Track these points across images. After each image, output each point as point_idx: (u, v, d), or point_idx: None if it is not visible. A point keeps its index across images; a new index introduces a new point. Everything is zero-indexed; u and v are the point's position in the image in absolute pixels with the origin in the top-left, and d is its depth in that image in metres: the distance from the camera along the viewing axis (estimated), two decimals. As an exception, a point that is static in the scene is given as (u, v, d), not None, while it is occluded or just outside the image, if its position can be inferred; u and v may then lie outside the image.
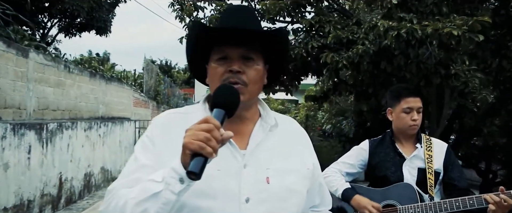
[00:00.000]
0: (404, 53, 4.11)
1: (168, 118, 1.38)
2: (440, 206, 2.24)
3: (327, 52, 4.48)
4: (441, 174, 2.45)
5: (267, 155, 1.31)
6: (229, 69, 1.27)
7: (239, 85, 1.26)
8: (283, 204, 1.26)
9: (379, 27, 3.67)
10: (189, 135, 1.04)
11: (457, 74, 3.95)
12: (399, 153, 2.52)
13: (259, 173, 1.27)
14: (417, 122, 2.43)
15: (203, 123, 1.05)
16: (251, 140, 1.31)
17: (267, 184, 1.26)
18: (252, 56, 1.30)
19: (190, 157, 1.03)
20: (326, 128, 9.52)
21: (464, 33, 3.29)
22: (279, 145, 1.35)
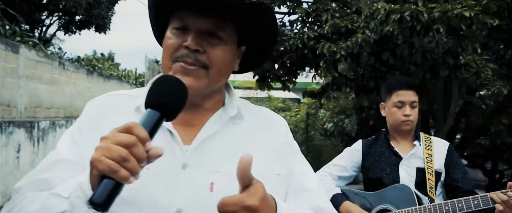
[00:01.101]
0: (408, 42, 3.66)
1: (106, 101, 1.08)
2: (441, 208, 2.02)
3: (324, 42, 4.04)
4: (443, 175, 2.24)
5: (218, 154, 0.99)
6: (185, 44, 0.97)
7: (195, 67, 0.97)
8: None
9: (380, 11, 3.22)
10: (101, 148, 0.75)
11: (468, 64, 3.49)
12: (395, 151, 2.29)
13: (202, 176, 0.95)
14: (410, 117, 2.21)
15: (123, 133, 0.75)
16: (200, 133, 1.00)
17: (210, 192, 0.94)
18: (220, 33, 0.99)
19: (98, 179, 0.74)
20: (328, 126, 9.14)
21: (476, 15, 2.84)
22: (238, 142, 1.02)
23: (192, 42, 0.96)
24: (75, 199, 0.80)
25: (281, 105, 10.23)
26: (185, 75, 0.97)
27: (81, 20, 11.69)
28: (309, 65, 5.12)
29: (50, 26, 11.43)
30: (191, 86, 0.95)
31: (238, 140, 1.03)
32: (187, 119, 1.00)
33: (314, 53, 4.37)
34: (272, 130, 1.11)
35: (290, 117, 9.34)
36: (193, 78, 0.98)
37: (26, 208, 0.89)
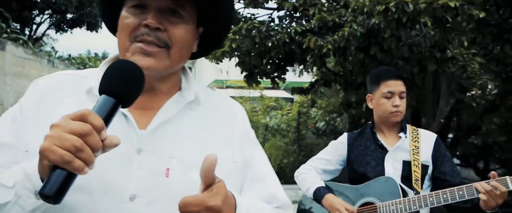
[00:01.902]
0: (395, 36, 3.59)
1: (54, 81, 1.01)
2: (425, 200, 1.99)
3: (310, 36, 3.97)
4: (430, 168, 2.18)
5: (174, 140, 0.96)
6: (145, 23, 0.93)
7: (156, 48, 0.93)
8: None
9: (365, 1, 3.16)
10: (52, 137, 0.71)
11: (454, 57, 3.44)
12: (381, 144, 2.23)
13: (157, 162, 0.92)
14: (399, 108, 2.16)
15: (77, 121, 0.71)
16: (156, 117, 0.96)
17: (165, 177, 0.91)
18: (180, 11, 0.96)
19: (49, 169, 0.70)
20: (320, 125, 9.09)
21: (462, 6, 2.78)
22: (195, 128, 1.00)
23: (152, 20, 0.92)
24: (21, 189, 0.76)
25: (273, 104, 10.18)
26: (146, 56, 0.93)
27: (72, 18, 11.60)
28: (297, 61, 5.06)
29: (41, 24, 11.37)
30: (152, 68, 0.93)
31: (195, 125, 1.00)
32: (142, 102, 0.95)
33: (302, 48, 4.31)
34: (230, 117, 1.08)
35: (281, 115, 9.28)
36: (153, 59, 0.94)
37: None
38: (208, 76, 17.70)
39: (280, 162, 8.69)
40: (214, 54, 4.88)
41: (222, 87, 15.79)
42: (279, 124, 9.03)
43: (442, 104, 4.49)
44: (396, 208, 2.03)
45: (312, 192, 2.24)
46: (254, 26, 4.58)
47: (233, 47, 4.47)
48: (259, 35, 4.55)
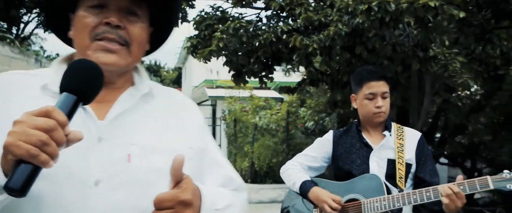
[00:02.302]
0: (379, 35, 3.66)
1: (6, 79, 1.05)
2: (409, 197, 2.04)
3: (296, 35, 4.02)
4: (413, 166, 2.23)
5: (133, 128, 1.02)
6: (106, 21, 0.99)
7: (118, 46, 1.00)
8: (148, 189, 0.93)
9: (348, 1, 3.22)
10: (16, 133, 0.74)
11: (436, 57, 3.51)
12: (366, 143, 2.27)
13: (119, 149, 0.98)
14: (382, 109, 2.19)
15: (42, 117, 0.75)
16: (113, 108, 1.02)
17: (127, 163, 0.97)
18: (137, 10, 1.03)
19: (14, 164, 0.73)
20: (309, 125, 9.15)
21: (441, 5, 2.85)
22: (152, 118, 1.07)
23: (114, 18, 0.98)
24: None
25: (262, 104, 10.23)
26: (108, 53, 1.00)
27: None
28: (284, 60, 5.12)
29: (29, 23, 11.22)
30: (115, 64, 1.00)
31: (151, 115, 1.07)
32: (99, 96, 0.97)
33: (288, 47, 4.37)
34: (185, 110, 1.16)
35: (271, 115, 9.33)
36: (116, 56, 1.00)
37: None
38: (198, 76, 17.69)
39: (269, 161, 8.73)
40: (202, 53, 4.92)
41: (212, 87, 15.79)
42: (268, 124, 9.08)
43: (426, 103, 4.58)
44: (380, 204, 2.08)
45: (298, 186, 2.27)
46: (241, 26, 4.63)
47: (220, 46, 4.51)
48: (246, 34, 4.60)
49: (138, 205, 0.95)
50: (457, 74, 3.56)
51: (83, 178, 0.93)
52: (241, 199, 1.19)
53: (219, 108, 14.36)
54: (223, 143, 13.59)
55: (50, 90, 1.00)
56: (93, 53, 1.00)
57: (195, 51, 5.36)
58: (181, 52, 22.28)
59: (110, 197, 0.94)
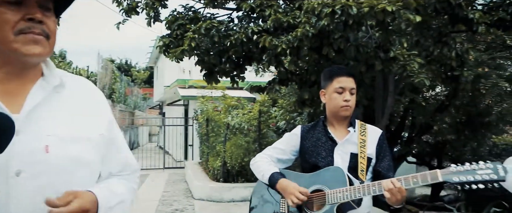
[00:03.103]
0: (344, 37, 3.89)
1: None
2: (369, 188, 2.15)
3: (265, 36, 4.20)
4: (373, 161, 2.36)
5: (49, 120, 1.12)
6: (29, 17, 1.07)
7: (40, 37, 1.09)
8: (67, 177, 1.10)
9: (314, 4, 3.43)
10: None
11: (396, 57, 3.78)
12: (331, 137, 2.38)
13: (36, 140, 1.08)
14: (349, 103, 2.32)
15: None
16: (27, 102, 1.10)
17: (45, 153, 1.08)
18: (49, 5, 1.13)
19: None
20: (280, 124, 9.31)
21: (398, 10, 3.10)
22: (65, 108, 1.17)
23: (39, 15, 1.08)
24: None
25: (235, 103, 10.32)
26: (36, 45, 1.09)
27: None
28: (255, 60, 5.27)
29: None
30: (42, 54, 1.11)
31: (64, 105, 1.17)
32: (9, 89, 1.09)
33: (259, 47, 4.53)
34: (96, 99, 1.30)
35: (243, 114, 9.44)
36: (42, 47, 1.10)
37: None
38: (170, 75, 17.56)
39: (241, 160, 8.80)
40: (174, 53, 5.02)
41: (184, 87, 15.72)
42: (240, 123, 9.17)
43: (390, 102, 4.86)
44: (343, 195, 2.17)
45: (267, 178, 2.37)
46: (213, 26, 4.77)
47: (192, 46, 4.63)
48: (218, 34, 4.74)
49: (59, 192, 1.06)
50: (414, 74, 3.84)
51: (4, 169, 1.02)
52: (131, 182, 1.39)
53: (192, 108, 14.33)
54: (195, 142, 13.58)
55: None
56: (23, 46, 1.07)
57: (167, 51, 5.45)
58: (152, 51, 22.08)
59: (32, 186, 1.04)
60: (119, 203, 1.24)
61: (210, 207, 7.93)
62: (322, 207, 2.27)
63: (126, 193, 1.32)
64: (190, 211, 7.66)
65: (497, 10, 4.52)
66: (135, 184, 1.41)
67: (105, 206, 1.16)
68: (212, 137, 10.38)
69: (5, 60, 1.10)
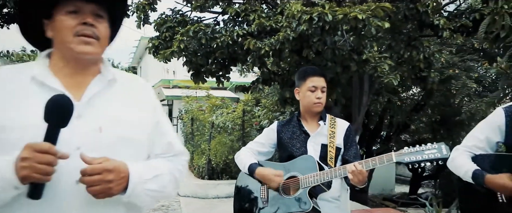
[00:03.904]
0: (321, 40, 4.32)
1: (2, 72, 1.37)
2: (335, 172, 2.42)
3: (250, 39, 4.60)
4: (342, 150, 2.63)
5: (103, 106, 1.35)
6: (83, 21, 1.31)
7: (92, 39, 1.32)
8: (115, 153, 1.30)
9: (294, 12, 3.85)
10: (27, 167, 1.13)
11: (368, 60, 4.22)
12: (304, 130, 2.65)
13: (92, 122, 1.31)
14: (321, 100, 2.59)
15: (43, 154, 1.13)
16: (87, 91, 1.34)
17: (99, 133, 1.30)
18: (101, 13, 1.37)
19: (30, 184, 1.15)
20: (263, 123, 9.66)
21: (368, 18, 3.54)
22: (116, 97, 1.40)
23: (90, 19, 1.32)
24: (5, 186, 1.17)
25: (219, 103, 10.66)
26: (87, 45, 1.33)
27: (10, 13, 11.16)
28: (240, 61, 5.66)
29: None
30: (92, 53, 1.34)
31: (116, 95, 1.41)
32: (75, 82, 1.35)
33: (243, 49, 4.92)
34: (141, 89, 1.52)
35: (227, 113, 9.78)
36: (92, 47, 1.33)
37: None
38: (153, 75, 17.71)
39: (225, 158, 9.09)
40: (163, 54, 5.37)
41: (168, 87, 15.93)
42: (225, 122, 9.49)
43: (365, 100, 5.31)
44: (313, 179, 2.45)
45: (247, 168, 2.66)
46: (201, 29, 5.14)
47: (181, 47, 4.99)
48: (205, 37, 5.11)
49: None
50: (384, 75, 4.29)
51: (68, 145, 1.23)
52: (175, 163, 1.52)
53: (176, 107, 14.54)
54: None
55: (37, 80, 1.30)
56: (77, 46, 1.31)
57: (156, 52, 5.78)
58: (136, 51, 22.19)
59: None
60: (155, 176, 1.40)
61: (196, 203, 8.17)
62: (297, 191, 2.53)
63: (165, 169, 1.46)
64: (176, 207, 7.92)
65: (460, 17, 5.03)
66: (180, 166, 1.56)
67: (137, 179, 1.32)
68: (197, 136, 10.67)
69: (70, 58, 1.36)
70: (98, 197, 1.25)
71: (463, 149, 2.39)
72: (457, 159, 2.35)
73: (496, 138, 2.30)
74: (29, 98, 1.28)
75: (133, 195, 1.32)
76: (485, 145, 2.34)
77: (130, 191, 1.30)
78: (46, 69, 1.33)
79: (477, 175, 2.21)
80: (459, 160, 2.34)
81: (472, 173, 2.23)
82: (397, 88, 7.77)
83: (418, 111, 10.11)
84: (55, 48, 1.38)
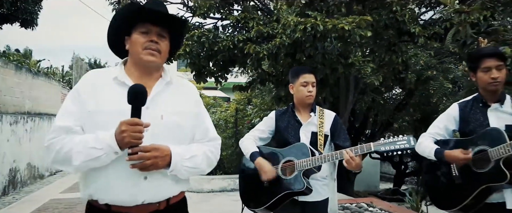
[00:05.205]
0: (313, 46, 5.08)
1: (91, 74, 1.93)
2: (325, 157, 2.83)
3: (250, 44, 5.33)
4: (329, 137, 3.04)
5: (163, 101, 1.85)
6: (151, 39, 1.80)
7: (155, 52, 1.81)
8: (172, 135, 1.81)
9: (290, 22, 4.60)
10: (128, 136, 1.63)
11: (353, 63, 5.00)
12: (298, 120, 3.05)
13: (156, 112, 1.80)
14: (312, 93, 3.00)
15: (136, 126, 1.65)
16: (152, 90, 1.84)
17: (161, 119, 1.80)
18: (165, 34, 1.85)
19: (129, 147, 1.68)
20: (255, 121, 10.25)
21: (353, 28, 4.32)
22: (172, 95, 1.89)
23: (155, 38, 1.81)
24: (108, 151, 1.67)
25: (212, 102, 11.28)
26: (152, 56, 1.81)
27: (3, 14, 11.44)
28: (239, 64, 6.37)
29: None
30: (156, 62, 1.82)
31: (172, 93, 1.89)
32: (143, 83, 1.77)
33: (243, 53, 5.64)
34: (190, 90, 2.01)
35: (220, 112, 10.41)
36: (155, 57, 1.82)
37: (69, 146, 1.71)
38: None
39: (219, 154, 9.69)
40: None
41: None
42: (218, 120, 10.11)
43: (350, 99, 6.10)
44: (307, 163, 2.83)
45: (249, 155, 3.06)
46: (204, 34, 5.85)
47: (187, 51, 5.69)
48: (208, 41, 5.81)
49: (167, 142, 1.76)
50: (367, 76, 5.06)
51: None
52: (209, 146, 1.94)
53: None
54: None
55: (118, 80, 1.80)
56: (144, 57, 1.79)
57: (161, 54, 6.40)
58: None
59: (154, 138, 1.74)
60: (191, 157, 1.84)
61: (191, 197, 8.42)
62: (292, 173, 2.91)
63: (199, 152, 1.89)
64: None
65: (434, 26, 5.86)
66: (213, 148, 1.99)
67: (178, 158, 1.76)
68: (191, 134, 11.21)
69: (139, 66, 1.86)
70: (148, 169, 1.71)
71: (427, 135, 3.12)
72: (423, 143, 2.99)
73: (452, 127, 3.04)
74: (112, 92, 1.79)
75: (175, 170, 1.78)
76: (444, 132, 3.06)
77: (173, 166, 1.76)
78: (123, 72, 1.84)
79: (438, 152, 2.87)
80: (424, 143, 2.99)
81: (434, 151, 2.88)
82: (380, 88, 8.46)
83: (400, 110, 10.85)
84: (130, 57, 1.90)
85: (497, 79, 2.69)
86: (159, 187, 1.79)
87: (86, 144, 1.69)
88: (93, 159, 1.68)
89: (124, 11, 1.90)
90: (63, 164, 1.76)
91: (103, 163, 1.70)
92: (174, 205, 1.86)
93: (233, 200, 7.63)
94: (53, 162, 1.78)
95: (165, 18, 1.84)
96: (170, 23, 1.86)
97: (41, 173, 11.15)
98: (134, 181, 1.74)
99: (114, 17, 1.93)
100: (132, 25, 1.85)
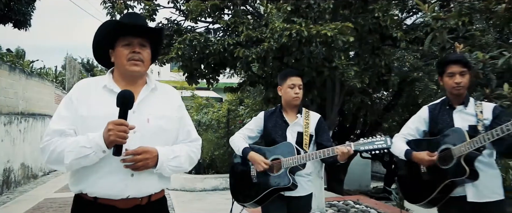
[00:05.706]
0: (299, 50, 5.38)
1: (84, 82, 2.14)
2: (310, 156, 3.08)
3: (240, 48, 5.63)
4: (314, 137, 3.29)
5: (148, 106, 2.06)
6: (133, 51, 1.99)
7: (139, 61, 2.01)
8: (157, 137, 2.02)
9: (276, 28, 4.90)
10: (113, 134, 1.79)
11: (337, 67, 5.31)
12: (285, 120, 3.28)
13: (143, 116, 2.00)
14: (298, 95, 3.22)
15: (121, 126, 1.82)
16: (139, 96, 2.04)
17: (147, 123, 2.01)
18: (145, 44, 2.05)
19: (114, 146, 1.86)
20: (247, 121, 10.55)
21: (335, 34, 4.63)
22: (156, 100, 2.10)
23: (137, 49, 2.00)
24: (96, 149, 1.85)
25: (204, 102, 11.56)
26: (136, 66, 2.00)
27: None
28: (229, 66, 6.65)
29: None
30: (138, 71, 2.02)
31: (156, 98, 2.10)
32: (130, 89, 1.95)
33: (233, 56, 5.93)
34: (173, 96, 2.21)
35: (212, 112, 10.70)
36: (139, 67, 2.01)
37: (61, 146, 1.89)
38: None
39: (211, 154, 10.00)
40: (162, 59, 6.33)
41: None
42: (210, 120, 10.39)
43: (336, 101, 6.40)
44: (293, 161, 3.06)
45: (240, 151, 3.27)
46: (195, 38, 6.13)
47: (179, 53, 5.97)
48: (199, 44, 6.09)
49: (153, 144, 1.96)
50: (349, 79, 5.37)
51: (130, 130, 1.86)
52: (191, 147, 2.15)
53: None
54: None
55: (107, 88, 2.00)
56: (129, 67, 1.98)
57: (155, 57, 6.69)
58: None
59: (140, 140, 1.95)
60: (175, 157, 2.05)
61: (184, 196, 8.96)
62: (279, 170, 3.13)
63: (182, 152, 2.10)
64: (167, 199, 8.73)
65: (415, 30, 6.18)
66: (195, 149, 2.21)
67: (164, 158, 1.97)
68: (183, 134, 11.48)
69: (125, 75, 2.04)
70: (140, 169, 1.92)
71: (400, 136, 3.43)
72: (396, 143, 3.29)
73: (422, 127, 3.35)
74: (102, 98, 1.99)
75: (161, 169, 1.99)
76: (415, 133, 3.37)
77: (159, 165, 1.97)
78: (111, 81, 2.06)
79: (407, 153, 3.19)
80: (397, 144, 3.30)
81: (404, 152, 3.22)
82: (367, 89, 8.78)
83: (389, 110, 11.20)
84: (115, 67, 2.11)
85: (460, 84, 3.01)
86: (144, 183, 2.00)
87: (77, 144, 1.88)
88: (82, 157, 1.86)
89: (105, 27, 2.07)
90: (56, 163, 1.94)
91: (92, 161, 1.89)
92: (155, 202, 2.08)
93: (225, 198, 7.95)
94: (47, 162, 1.96)
95: (145, 30, 2.05)
96: (149, 34, 2.07)
97: (35, 173, 11.37)
98: (122, 177, 1.94)
99: (97, 33, 2.08)
100: (115, 39, 2.04)
